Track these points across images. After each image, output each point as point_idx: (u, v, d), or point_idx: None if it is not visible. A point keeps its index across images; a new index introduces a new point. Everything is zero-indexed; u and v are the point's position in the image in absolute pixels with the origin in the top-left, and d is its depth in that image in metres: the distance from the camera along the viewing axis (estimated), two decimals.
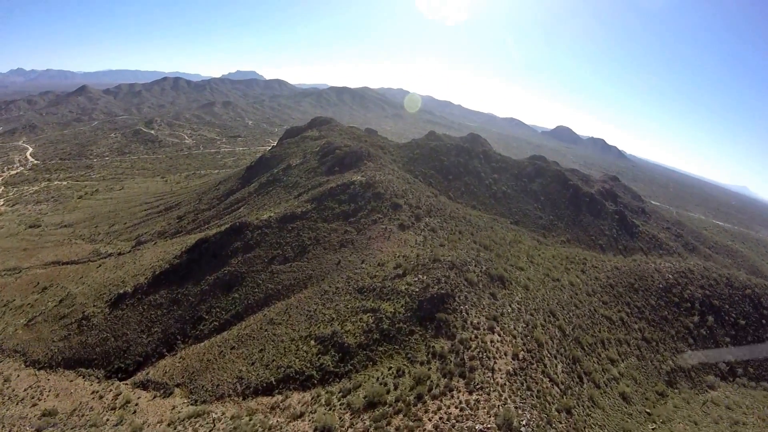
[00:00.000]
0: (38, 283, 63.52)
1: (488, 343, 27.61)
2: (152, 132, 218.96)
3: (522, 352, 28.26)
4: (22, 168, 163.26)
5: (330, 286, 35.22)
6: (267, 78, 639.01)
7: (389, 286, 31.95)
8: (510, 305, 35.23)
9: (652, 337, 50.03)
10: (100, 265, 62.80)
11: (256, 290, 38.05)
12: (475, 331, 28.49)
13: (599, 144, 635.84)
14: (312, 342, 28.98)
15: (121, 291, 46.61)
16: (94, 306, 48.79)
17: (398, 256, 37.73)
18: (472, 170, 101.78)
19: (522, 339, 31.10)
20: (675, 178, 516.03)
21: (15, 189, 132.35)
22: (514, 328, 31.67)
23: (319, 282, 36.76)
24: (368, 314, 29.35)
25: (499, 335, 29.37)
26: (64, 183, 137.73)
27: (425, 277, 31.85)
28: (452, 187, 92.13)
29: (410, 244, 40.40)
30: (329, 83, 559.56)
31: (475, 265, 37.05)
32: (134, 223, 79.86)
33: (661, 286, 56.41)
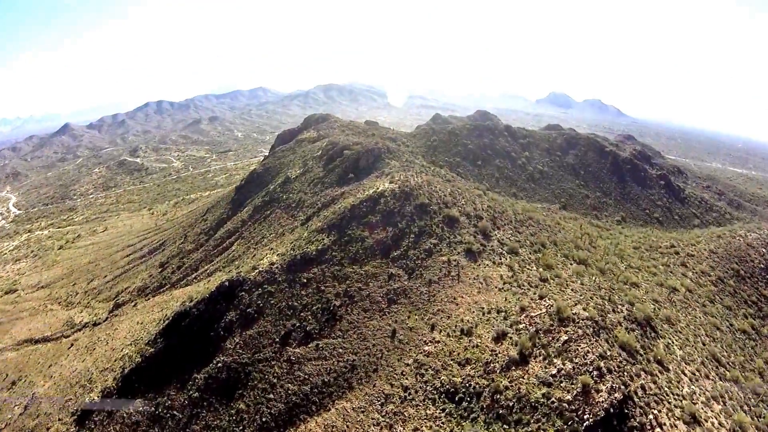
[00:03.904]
0: (7, 375, 54.71)
1: None
2: (137, 160, 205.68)
3: None
4: (4, 221, 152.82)
5: (393, 387, 20.82)
6: (251, 87, 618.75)
7: (505, 388, 17.50)
8: (683, 372, 21.07)
9: None
10: (71, 345, 49.80)
11: (272, 397, 23.72)
12: None
13: (596, 105, 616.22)
14: None
15: (88, 400, 33.16)
16: (59, 421, 35.53)
17: (488, 312, 23.20)
18: (500, 151, 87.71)
19: None
20: (679, 129, 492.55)
21: None
22: (717, 421, 17.65)
23: (369, 377, 22.25)
24: None
25: None
26: (46, 232, 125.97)
27: (569, 365, 17.26)
28: (485, 175, 77.87)
29: (496, 285, 25.68)
30: (315, 84, 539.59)
31: (614, 311, 22.72)
32: (114, 275, 66.23)
33: (762, 266, 48.37)
